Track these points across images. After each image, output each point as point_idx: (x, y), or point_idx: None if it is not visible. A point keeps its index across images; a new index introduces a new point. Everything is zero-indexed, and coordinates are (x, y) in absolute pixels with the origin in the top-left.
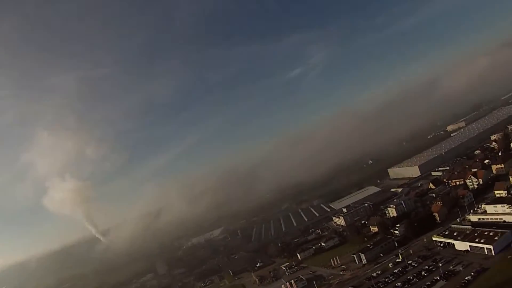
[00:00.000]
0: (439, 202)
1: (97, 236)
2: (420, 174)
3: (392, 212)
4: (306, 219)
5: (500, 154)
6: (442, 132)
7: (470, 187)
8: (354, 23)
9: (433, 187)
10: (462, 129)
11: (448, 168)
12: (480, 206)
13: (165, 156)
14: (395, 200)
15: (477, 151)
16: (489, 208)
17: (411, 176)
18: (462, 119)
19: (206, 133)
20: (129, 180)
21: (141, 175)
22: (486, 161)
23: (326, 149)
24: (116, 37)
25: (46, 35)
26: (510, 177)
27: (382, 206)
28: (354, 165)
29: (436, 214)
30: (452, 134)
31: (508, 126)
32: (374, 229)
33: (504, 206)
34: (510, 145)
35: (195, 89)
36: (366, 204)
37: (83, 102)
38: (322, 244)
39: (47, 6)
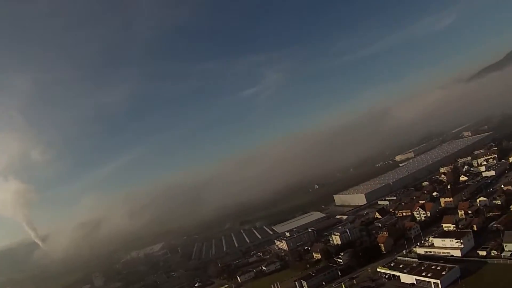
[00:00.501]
0: (385, 233)
1: (36, 241)
2: (366, 202)
3: (336, 239)
4: (248, 241)
5: (449, 187)
6: (390, 162)
7: (417, 219)
8: (312, 48)
9: (379, 217)
10: (411, 160)
11: (395, 198)
12: (427, 239)
13: (111, 165)
14: (340, 227)
15: (426, 183)
16: (437, 242)
17: (357, 204)
18: (411, 150)
19: (154, 147)
20: (73, 187)
21: (86, 183)
22: (435, 193)
23: (273, 171)
24: (74, 42)
25: (2, 34)
26: (458, 211)
27: (326, 233)
28: (300, 188)
29: (382, 245)
30: (400, 164)
31: (458, 160)
32: (317, 256)
33: (452, 241)
34: (459, 179)
35: (148, 102)
36: (310, 230)
37: (33, 104)
38: (263, 268)
39: (6, 6)
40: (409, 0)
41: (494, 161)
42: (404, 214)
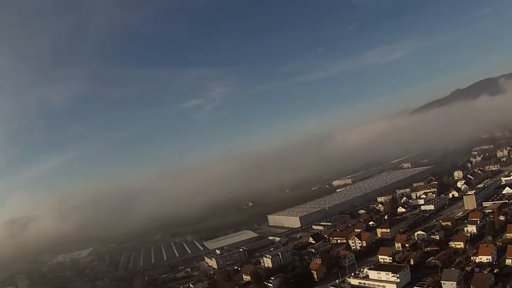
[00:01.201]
0: (318, 259)
1: None
2: (300, 225)
3: (267, 262)
4: (177, 254)
5: (386, 217)
6: (327, 186)
7: (352, 247)
8: (261, 67)
9: (313, 242)
10: (348, 186)
11: (330, 224)
12: (362, 269)
13: (48, 164)
14: (272, 249)
15: (362, 211)
16: (372, 274)
17: (291, 226)
18: (349, 176)
19: (92, 149)
20: (4, 182)
21: (18, 180)
22: (371, 223)
23: (209, 186)
24: (23, 33)
25: None
26: (395, 243)
27: (257, 254)
28: (234, 205)
29: (315, 272)
30: (337, 190)
31: (397, 190)
32: (247, 278)
33: (388, 274)
34: (397, 210)
35: (92, 103)
36: (241, 249)
37: None
38: (191, 285)
39: None
40: (360, 30)
41: (434, 195)
42: (339, 241)
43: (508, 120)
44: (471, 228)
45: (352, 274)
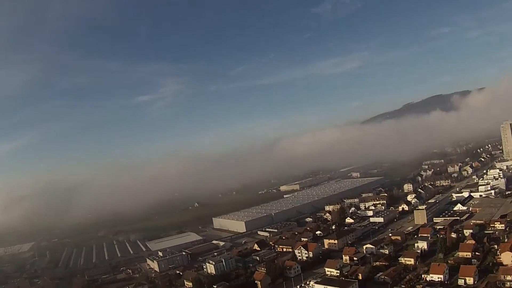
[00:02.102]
0: (263, 268)
1: None
2: (245, 230)
3: (210, 268)
4: (119, 254)
5: (334, 227)
6: (274, 191)
7: (298, 258)
8: (215, 68)
9: (258, 249)
10: (296, 193)
11: (276, 230)
12: (308, 282)
13: None
14: (216, 254)
15: (309, 219)
16: None
17: (236, 231)
18: (297, 182)
19: (38, 138)
20: None
21: None
22: (318, 232)
23: (156, 183)
24: None
25: None
26: (343, 255)
27: (200, 258)
28: (180, 205)
29: (259, 282)
30: (285, 196)
31: (345, 200)
32: (189, 284)
33: None
34: (345, 220)
35: (42, 90)
36: (183, 253)
37: None
38: None
39: None
40: (316, 39)
41: (383, 207)
42: (285, 249)
43: (460, 136)
44: (422, 244)
45: (298, 286)
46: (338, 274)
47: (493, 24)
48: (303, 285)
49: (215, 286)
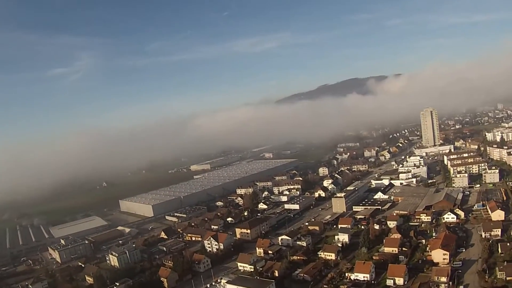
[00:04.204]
0: (169, 262)
1: None
2: (153, 215)
3: (113, 261)
4: (21, 242)
5: (246, 213)
6: (185, 170)
7: (208, 250)
8: (130, 42)
9: (166, 237)
10: (206, 174)
11: (185, 215)
12: (219, 280)
13: None
14: (120, 242)
15: (220, 203)
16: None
17: (143, 215)
18: (208, 162)
19: None
20: None
21: None
22: (229, 219)
23: (63, 161)
24: None
25: None
26: (257, 248)
27: (104, 247)
28: (87, 184)
29: (165, 280)
30: (195, 176)
31: (257, 183)
32: (90, 280)
33: None
34: (258, 206)
35: None
36: (86, 241)
37: None
38: (29, 286)
39: None
40: (235, 18)
41: (298, 192)
42: (194, 238)
43: (375, 120)
44: (343, 237)
45: (208, 285)
46: (251, 270)
47: (414, 14)
48: (213, 283)
49: (117, 284)
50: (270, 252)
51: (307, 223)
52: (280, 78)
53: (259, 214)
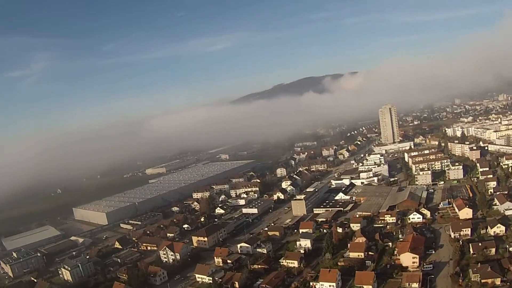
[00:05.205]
0: (124, 275)
1: None
2: (107, 223)
3: (66, 274)
4: None
5: (203, 219)
6: (140, 174)
7: (164, 260)
8: (86, 43)
9: (120, 247)
10: (161, 178)
11: (140, 223)
12: None
13: None
14: (74, 253)
15: (176, 208)
16: None
17: (97, 223)
18: (164, 165)
19: None
20: None
21: None
22: (186, 226)
23: (15, 167)
24: None
25: None
26: (215, 258)
27: (58, 259)
28: (41, 191)
29: None
30: (150, 181)
31: (214, 186)
32: None
33: None
34: (215, 211)
35: None
36: (39, 254)
37: None
38: None
39: None
40: (189, 18)
41: (256, 195)
42: (149, 248)
43: (332, 118)
44: (305, 243)
45: None
46: (210, 282)
47: (371, 12)
48: None
49: None
50: (229, 261)
51: (266, 228)
52: (235, 78)
53: (216, 220)
